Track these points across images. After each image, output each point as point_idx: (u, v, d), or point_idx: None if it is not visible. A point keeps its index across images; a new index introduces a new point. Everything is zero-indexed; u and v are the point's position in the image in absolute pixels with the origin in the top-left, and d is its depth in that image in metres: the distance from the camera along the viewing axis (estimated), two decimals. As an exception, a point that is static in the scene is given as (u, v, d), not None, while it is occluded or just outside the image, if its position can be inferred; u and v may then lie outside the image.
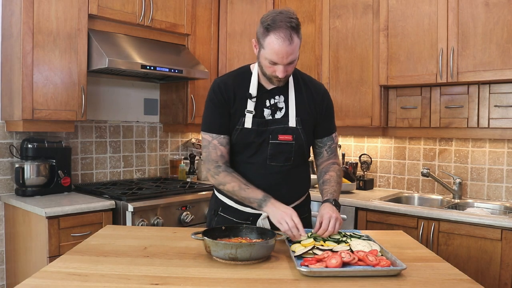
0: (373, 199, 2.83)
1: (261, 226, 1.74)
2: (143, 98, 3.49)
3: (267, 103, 1.74)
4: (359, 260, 1.36)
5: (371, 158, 3.33)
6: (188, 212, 2.79)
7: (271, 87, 1.75)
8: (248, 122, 1.70)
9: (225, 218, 1.81)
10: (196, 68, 3.13)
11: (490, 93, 2.75)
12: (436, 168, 3.07)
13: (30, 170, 2.64)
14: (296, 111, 1.74)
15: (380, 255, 1.42)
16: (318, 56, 3.25)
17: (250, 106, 1.71)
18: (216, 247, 1.40)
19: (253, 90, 1.72)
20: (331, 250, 1.45)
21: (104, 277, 1.26)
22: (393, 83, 2.91)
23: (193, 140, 3.80)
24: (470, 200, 2.85)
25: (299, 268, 1.30)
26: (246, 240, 1.52)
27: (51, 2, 2.56)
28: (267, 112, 1.73)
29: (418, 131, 3.03)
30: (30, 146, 2.68)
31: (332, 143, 1.87)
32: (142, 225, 2.54)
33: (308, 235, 1.58)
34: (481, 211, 2.60)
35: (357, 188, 3.22)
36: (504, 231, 2.26)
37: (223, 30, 3.55)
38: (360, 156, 3.38)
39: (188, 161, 3.60)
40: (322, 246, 1.50)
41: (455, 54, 2.64)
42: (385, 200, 2.85)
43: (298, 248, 1.47)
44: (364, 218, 2.74)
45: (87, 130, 3.14)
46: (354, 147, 3.46)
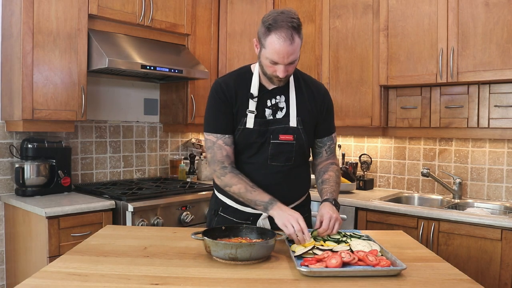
0: (373, 199, 2.83)
1: (261, 226, 1.75)
2: (143, 98, 3.49)
3: (268, 103, 1.74)
4: (359, 260, 1.36)
5: (371, 158, 3.33)
6: (188, 212, 2.79)
7: (272, 87, 1.75)
8: (250, 122, 1.70)
9: (225, 218, 1.81)
10: (196, 68, 3.13)
11: (490, 93, 2.75)
12: (436, 168, 3.07)
13: (30, 170, 2.64)
14: (297, 111, 1.74)
15: (380, 255, 1.42)
16: (318, 56, 3.25)
17: (252, 106, 1.71)
18: (216, 247, 1.40)
19: (254, 90, 1.72)
20: (331, 250, 1.45)
21: (104, 277, 1.26)
22: (393, 83, 2.91)
23: (193, 140, 3.80)
24: (470, 200, 2.85)
25: (299, 268, 1.30)
26: (246, 240, 1.52)
27: (51, 2, 2.56)
28: (268, 112, 1.73)
29: (418, 131, 3.03)
30: (30, 146, 2.68)
31: (332, 143, 1.88)
32: (142, 225, 2.54)
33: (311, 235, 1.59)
34: (481, 211, 2.60)
35: (357, 188, 3.22)
36: (504, 231, 2.26)
37: (223, 30, 3.55)
38: (360, 156, 3.38)
39: (188, 161, 3.60)
40: (322, 246, 1.50)
41: (455, 54, 2.64)
42: (385, 200, 2.85)
43: (298, 248, 1.47)
44: (364, 218, 2.74)
45: (87, 130, 3.14)
46: (354, 147, 3.46)
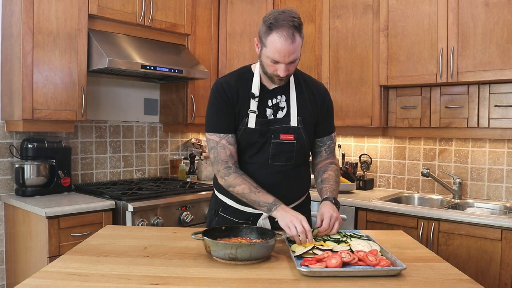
0: (373, 199, 2.83)
1: (261, 226, 1.75)
2: (143, 98, 3.49)
3: (269, 103, 1.74)
4: (359, 260, 1.36)
5: (371, 158, 3.33)
6: (188, 212, 2.79)
7: (272, 87, 1.75)
8: (251, 122, 1.70)
9: (225, 218, 1.81)
10: (196, 68, 3.13)
11: (490, 93, 2.75)
12: (436, 168, 3.07)
13: (30, 170, 2.64)
14: (298, 110, 1.74)
15: (380, 255, 1.42)
16: (318, 56, 3.25)
17: (253, 106, 1.71)
18: (216, 247, 1.40)
19: (255, 89, 1.72)
20: (331, 250, 1.45)
21: (104, 277, 1.26)
22: (393, 83, 2.91)
23: (193, 140, 3.80)
24: (470, 200, 2.85)
25: (299, 268, 1.30)
26: (246, 240, 1.52)
27: (51, 2, 2.56)
28: (269, 111, 1.73)
29: (418, 131, 3.03)
30: (30, 146, 2.68)
31: (331, 143, 1.88)
32: (142, 225, 2.54)
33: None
34: (481, 211, 2.60)
35: (357, 188, 3.22)
36: (504, 231, 2.26)
37: (223, 30, 3.55)
38: (360, 156, 3.38)
39: (188, 161, 3.60)
40: (322, 246, 1.50)
41: (455, 54, 2.64)
42: (385, 200, 2.85)
43: (298, 248, 1.47)
44: (364, 218, 2.74)
45: (87, 130, 3.14)
46: (354, 147, 3.46)
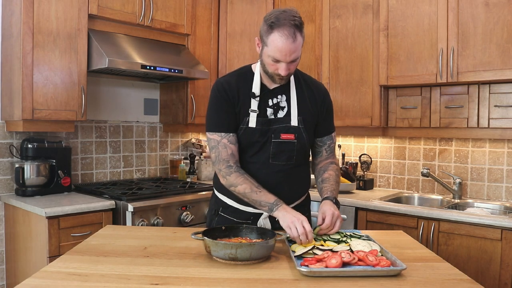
0: (373, 199, 2.83)
1: (262, 225, 1.75)
2: (143, 98, 3.49)
3: (270, 103, 1.74)
4: (359, 260, 1.36)
5: (371, 158, 3.33)
6: (188, 212, 2.79)
7: (273, 86, 1.76)
8: (252, 122, 1.70)
9: (225, 218, 1.81)
10: (196, 68, 3.13)
11: (490, 93, 2.75)
12: (436, 168, 3.07)
13: (30, 170, 2.64)
14: (298, 110, 1.75)
15: (380, 255, 1.42)
16: (318, 56, 3.25)
17: (254, 106, 1.71)
18: (216, 247, 1.40)
19: (256, 89, 1.73)
20: (331, 250, 1.45)
21: (104, 277, 1.26)
22: (393, 83, 2.91)
23: (193, 140, 3.80)
24: (470, 200, 2.85)
25: (299, 268, 1.30)
26: (246, 240, 1.52)
27: (51, 2, 2.56)
28: (269, 111, 1.73)
29: (418, 131, 3.03)
30: (30, 146, 2.68)
31: (332, 143, 1.88)
32: (142, 225, 2.54)
33: (313, 233, 1.59)
34: (481, 211, 2.60)
35: (357, 188, 3.22)
36: (504, 231, 2.26)
37: (223, 30, 3.55)
38: (360, 156, 3.38)
39: (188, 161, 3.60)
40: (322, 246, 1.50)
41: (455, 54, 2.64)
42: (385, 200, 2.85)
43: (298, 248, 1.47)
44: (364, 218, 2.74)
45: (87, 130, 3.14)
46: (354, 147, 3.46)
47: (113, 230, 1.84)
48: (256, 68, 1.76)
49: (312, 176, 1.94)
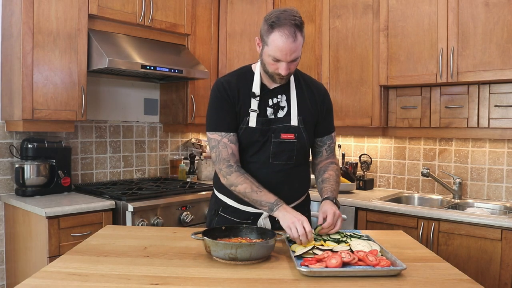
0: (373, 199, 2.83)
1: (262, 225, 1.75)
2: (143, 98, 3.49)
3: (270, 102, 1.74)
4: (359, 260, 1.37)
5: (371, 158, 3.33)
6: (188, 212, 2.79)
7: (273, 86, 1.76)
8: (252, 121, 1.71)
9: (225, 218, 1.81)
10: (196, 68, 3.13)
11: (490, 93, 2.75)
12: (436, 168, 3.07)
13: (30, 170, 2.64)
14: (298, 110, 1.75)
15: (380, 255, 1.42)
16: (318, 56, 3.25)
17: (254, 105, 1.72)
18: (216, 247, 1.40)
19: (256, 89, 1.73)
20: (331, 250, 1.45)
21: (104, 277, 1.26)
22: (393, 83, 2.91)
23: (193, 140, 3.80)
24: (470, 200, 2.85)
25: (299, 268, 1.30)
26: (246, 240, 1.52)
27: (51, 2, 2.56)
28: (269, 111, 1.74)
29: (418, 131, 3.03)
30: (30, 146, 2.68)
31: (332, 143, 1.89)
32: (142, 225, 2.54)
33: (314, 232, 1.60)
34: (481, 211, 2.60)
35: (357, 188, 3.22)
36: (504, 231, 2.26)
37: (223, 30, 3.55)
38: (360, 156, 3.38)
39: (188, 161, 3.60)
40: (322, 246, 1.50)
41: (455, 54, 2.64)
42: (385, 200, 2.85)
43: (298, 248, 1.47)
44: (364, 218, 2.74)
45: (87, 130, 3.14)
46: (354, 147, 3.46)
47: (113, 230, 1.84)
48: (256, 68, 1.77)
49: (312, 176, 1.94)
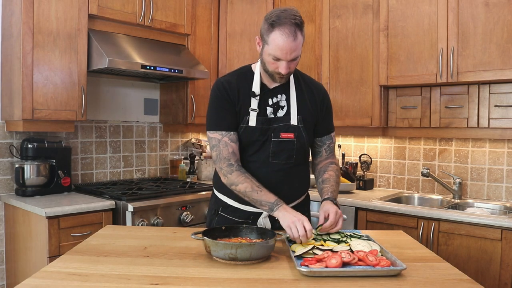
0: (373, 199, 2.83)
1: (262, 225, 1.75)
2: (143, 98, 3.49)
3: (270, 102, 1.75)
4: (359, 260, 1.37)
5: (371, 158, 3.33)
6: (188, 212, 2.79)
7: (273, 86, 1.76)
8: (252, 120, 1.71)
9: (225, 217, 1.82)
10: (196, 68, 3.13)
11: (490, 93, 2.75)
12: (436, 168, 3.07)
13: (30, 170, 2.64)
14: (298, 109, 1.75)
15: (380, 255, 1.42)
16: (318, 56, 3.25)
17: (254, 104, 1.72)
18: (216, 247, 1.40)
19: (256, 88, 1.73)
20: (331, 250, 1.45)
21: (104, 277, 1.26)
22: (393, 83, 2.91)
23: (193, 140, 3.80)
24: (470, 200, 2.85)
25: (299, 268, 1.30)
26: (246, 240, 1.52)
27: (51, 2, 2.56)
28: (269, 110, 1.74)
29: (418, 131, 3.03)
30: (30, 146, 2.68)
31: (331, 142, 1.89)
32: (142, 225, 2.54)
33: (315, 231, 1.61)
34: (481, 211, 2.60)
35: (357, 188, 3.22)
36: (504, 231, 2.26)
37: (223, 30, 3.55)
38: (360, 156, 3.38)
39: (188, 161, 3.61)
40: (322, 246, 1.50)
41: (455, 54, 2.64)
42: (385, 200, 2.85)
43: (298, 248, 1.47)
44: (364, 218, 2.74)
45: (87, 130, 3.14)
46: (354, 147, 3.46)
47: (113, 230, 1.84)
48: (256, 68, 1.77)
49: (312, 176, 1.94)
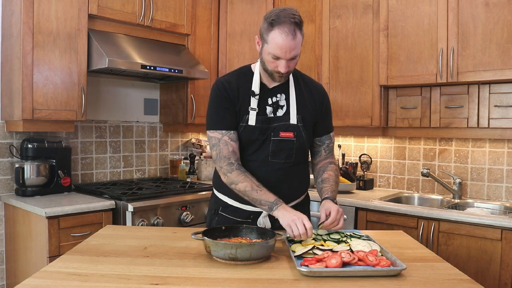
0: (373, 199, 2.83)
1: (261, 224, 1.75)
2: (143, 98, 3.49)
3: (269, 101, 1.75)
4: (359, 260, 1.37)
5: (371, 158, 3.33)
6: (188, 212, 2.79)
7: (272, 85, 1.77)
8: (252, 120, 1.72)
9: (225, 217, 1.82)
10: (196, 68, 3.13)
11: (490, 93, 2.75)
12: (436, 168, 3.07)
13: (30, 170, 2.64)
14: (297, 109, 1.76)
15: (380, 255, 1.42)
16: (318, 56, 3.25)
17: (254, 104, 1.73)
18: (216, 247, 1.40)
19: (255, 87, 1.74)
20: (331, 250, 1.45)
21: (104, 277, 1.26)
22: (393, 83, 2.91)
23: (193, 140, 3.80)
24: (470, 200, 2.85)
25: (299, 268, 1.30)
26: (246, 240, 1.52)
27: (51, 2, 2.56)
28: (269, 109, 1.75)
29: (418, 131, 3.03)
30: (30, 146, 2.68)
31: (330, 142, 1.90)
32: (142, 225, 2.54)
33: (316, 232, 1.61)
34: (481, 211, 2.60)
35: (357, 188, 3.22)
36: (504, 231, 2.26)
37: (223, 30, 3.55)
38: (360, 156, 3.38)
39: (188, 161, 3.61)
40: (322, 246, 1.50)
41: (455, 54, 2.64)
42: (385, 200, 2.85)
43: (298, 248, 1.47)
44: (364, 218, 2.74)
45: (87, 130, 3.14)
46: (354, 147, 3.46)
47: (113, 230, 1.84)
48: (256, 67, 1.78)
49: (312, 176, 1.95)
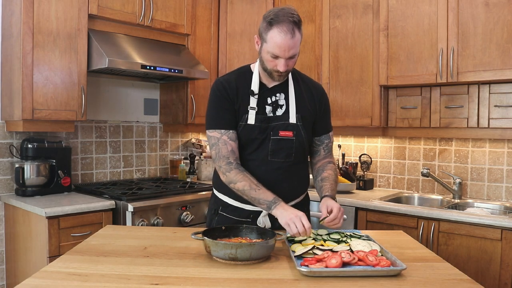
0: (373, 199, 2.83)
1: (261, 223, 1.75)
2: (143, 98, 3.49)
3: (268, 101, 1.76)
4: (359, 260, 1.37)
5: (371, 158, 3.33)
6: (188, 212, 2.79)
7: (272, 85, 1.77)
8: (251, 119, 1.72)
9: (225, 217, 1.82)
10: (196, 68, 3.13)
11: (490, 93, 2.75)
12: (436, 168, 3.07)
13: (30, 170, 2.64)
14: (296, 108, 1.77)
15: (380, 255, 1.42)
16: (318, 56, 3.25)
17: (253, 103, 1.73)
18: (216, 247, 1.40)
19: (255, 87, 1.74)
20: (331, 250, 1.45)
21: (104, 277, 1.26)
22: (393, 83, 2.91)
23: (193, 140, 3.80)
24: (470, 200, 2.85)
25: (299, 268, 1.30)
26: (246, 240, 1.52)
27: (51, 2, 2.56)
28: (268, 109, 1.75)
29: (418, 131, 3.03)
30: (30, 146, 2.68)
31: (329, 142, 1.90)
32: (142, 225, 2.54)
33: (316, 232, 1.61)
34: (481, 211, 2.60)
35: (357, 188, 3.22)
36: (504, 231, 2.26)
37: (223, 30, 3.55)
38: (360, 156, 3.38)
39: (188, 161, 3.61)
40: (322, 246, 1.50)
41: (455, 54, 2.64)
42: (385, 200, 2.85)
43: (298, 248, 1.48)
44: (364, 218, 2.74)
45: (87, 130, 3.14)
46: (354, 147, 3.46)
47: (113, 230, 1.84)
48: (255, 67, 1.79)
49: (311, 176, 1.95)
